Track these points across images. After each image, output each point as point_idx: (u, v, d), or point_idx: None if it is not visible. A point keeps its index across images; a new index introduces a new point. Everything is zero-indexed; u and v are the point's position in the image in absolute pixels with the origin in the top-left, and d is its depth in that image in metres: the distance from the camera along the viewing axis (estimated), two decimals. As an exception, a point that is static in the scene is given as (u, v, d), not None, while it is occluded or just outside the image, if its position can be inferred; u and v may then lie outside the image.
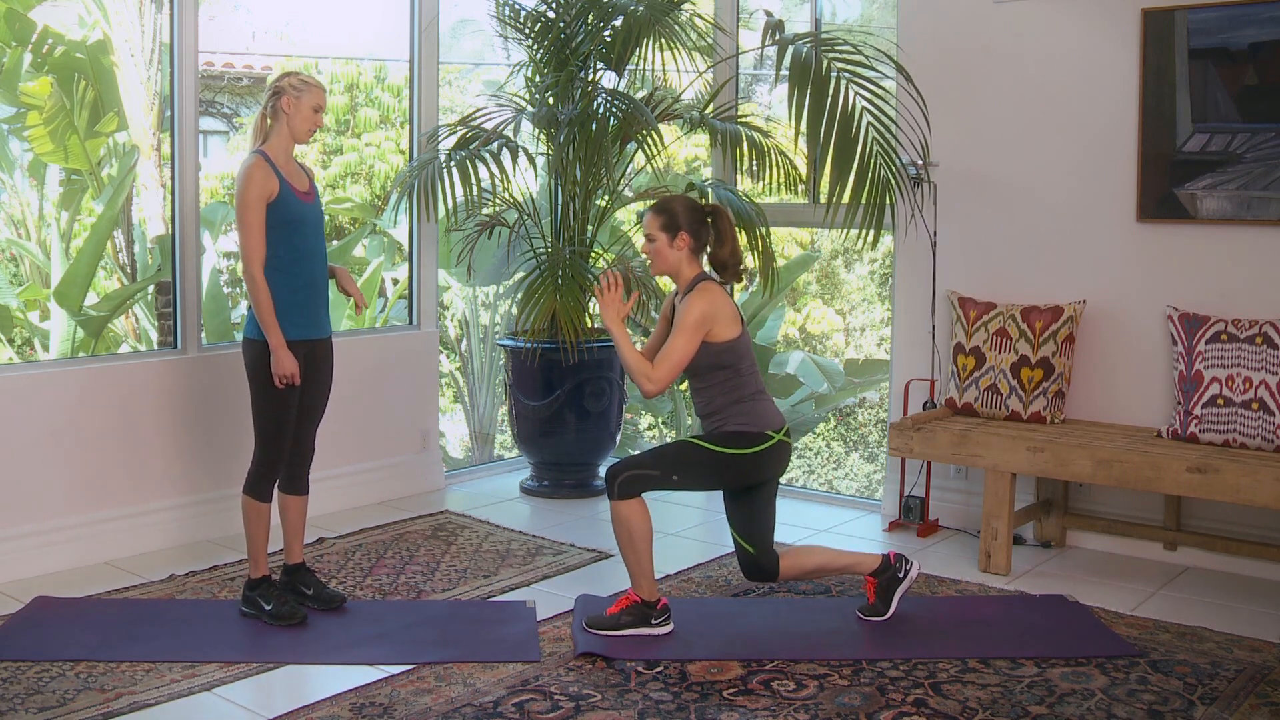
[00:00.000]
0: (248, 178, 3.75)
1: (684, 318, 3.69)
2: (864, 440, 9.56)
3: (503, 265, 7.05)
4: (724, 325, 3.73)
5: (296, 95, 3.82)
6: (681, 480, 3.76)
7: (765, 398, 3.83)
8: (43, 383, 4.45)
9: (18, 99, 6.71)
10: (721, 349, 3.74)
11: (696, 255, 3.83)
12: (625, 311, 3.79)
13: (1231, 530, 4.54)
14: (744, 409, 3.77)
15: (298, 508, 4.02)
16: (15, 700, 3.24)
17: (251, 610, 3.91)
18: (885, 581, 3.94)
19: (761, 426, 3.76)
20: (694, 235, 3.79)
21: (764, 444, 3.75)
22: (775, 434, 3.77)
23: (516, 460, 6.33)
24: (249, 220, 3.75)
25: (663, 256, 3.80)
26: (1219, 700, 3.34)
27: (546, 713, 3.24)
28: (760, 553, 3.86)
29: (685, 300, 3.75)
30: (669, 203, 3.82)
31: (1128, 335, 4.75)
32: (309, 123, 3.85)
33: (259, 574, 3.93)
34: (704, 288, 3.76)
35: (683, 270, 3.81)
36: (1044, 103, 4.87)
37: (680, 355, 3.68)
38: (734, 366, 3.76)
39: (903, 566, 3.95)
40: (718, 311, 3.72)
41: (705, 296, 3.73)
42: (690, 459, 3.76)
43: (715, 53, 5.64)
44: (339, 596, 4.04)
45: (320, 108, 3.87)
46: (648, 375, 3.67)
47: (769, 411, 3.80)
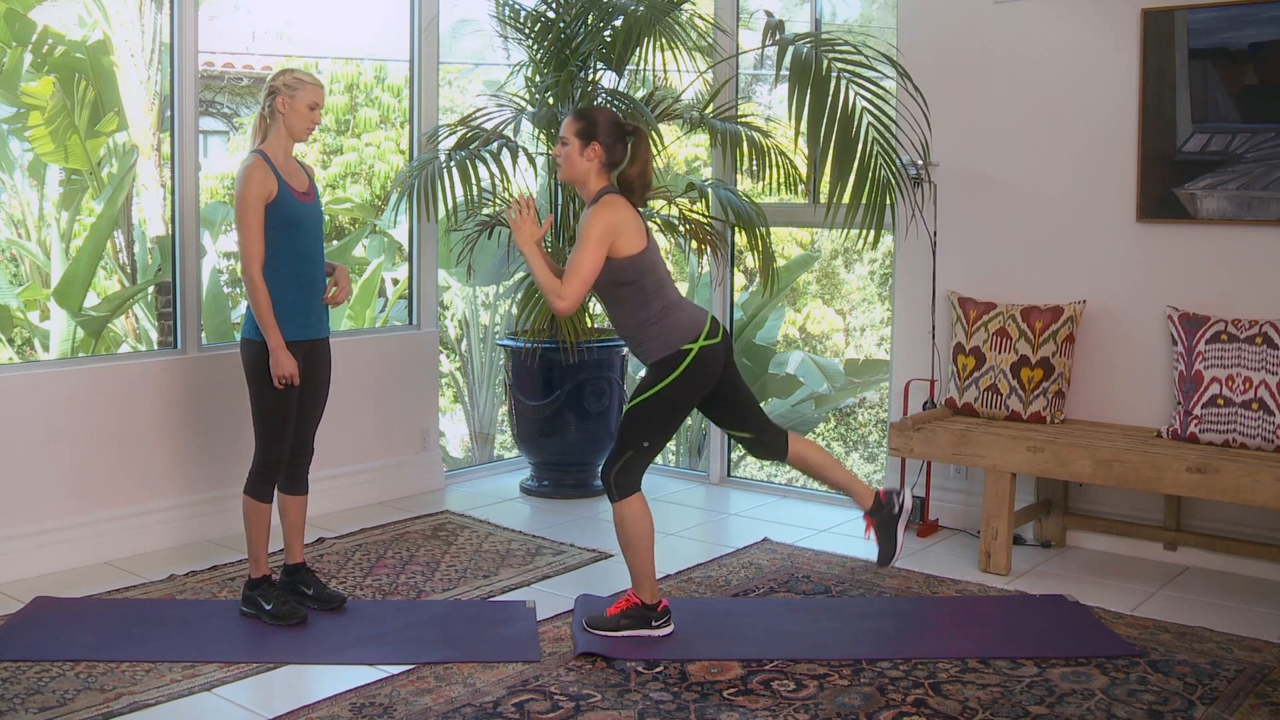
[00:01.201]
0: (246, 178, 3.74)
1: (586, 230, 3.62)
2: (864, 440, 9.56)
3: (503, 265, 7.04)
4: (627, 239, 3.64)
5: (291, 94, 3.80)
6: (653, 441, 3.72)
7: (677, 310, 3.73)
8: (43, 383, 4.45)
9: (18, 99, 6.71)
10: (623, 264, 3.65)
11: (606, 170, 3.75)
12: (539, 235, 3.74)
13: (1231, 530, 4.54)
14: (654, 333, 3.70)
15: (298, 508, 4.02)
16: (15, 700, 3.24)
17: (251, 610, 3.91)
18: (883, 519, 3.97)
19: (676, 345, 3.68)
20: (607, 149, 3.72)
21: (685, 361, 3.68)
22: (693, 345, 3.69)
23: (516, 460, 6.33)
24: (248, 220, 3.74)
25: (572, 163, 3.73)
26: (1219, 700, 3.34)
27: (546, 713, 3.24)
28: (759, 431, 3.87)
29: (588, 213, 3.67)
30: (590, 112, 3.77)
31: (1128, 335, 4.75)
32: (306, 121, 3.83)
33: (259, 574, 3.93)
34: (607, 200, 3.68)
35: (589, 181, 3.75)
36: (1044, 103, 4.87)
37: (587, 269, 3.60)
38: (638, 283, 3.67)
39: (895, 501, 3.98)
40: (622, 224, 3.64)
41: (608, 209, 3.65)
42: (642, 419, 3.72)
43: (715, 53, 5.64)
44: (339, 597, 4.04)
45: (317, 105, 3.84)
46: (558, 293, 3.61)
47: (680, 323, 3.70)
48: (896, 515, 3.96)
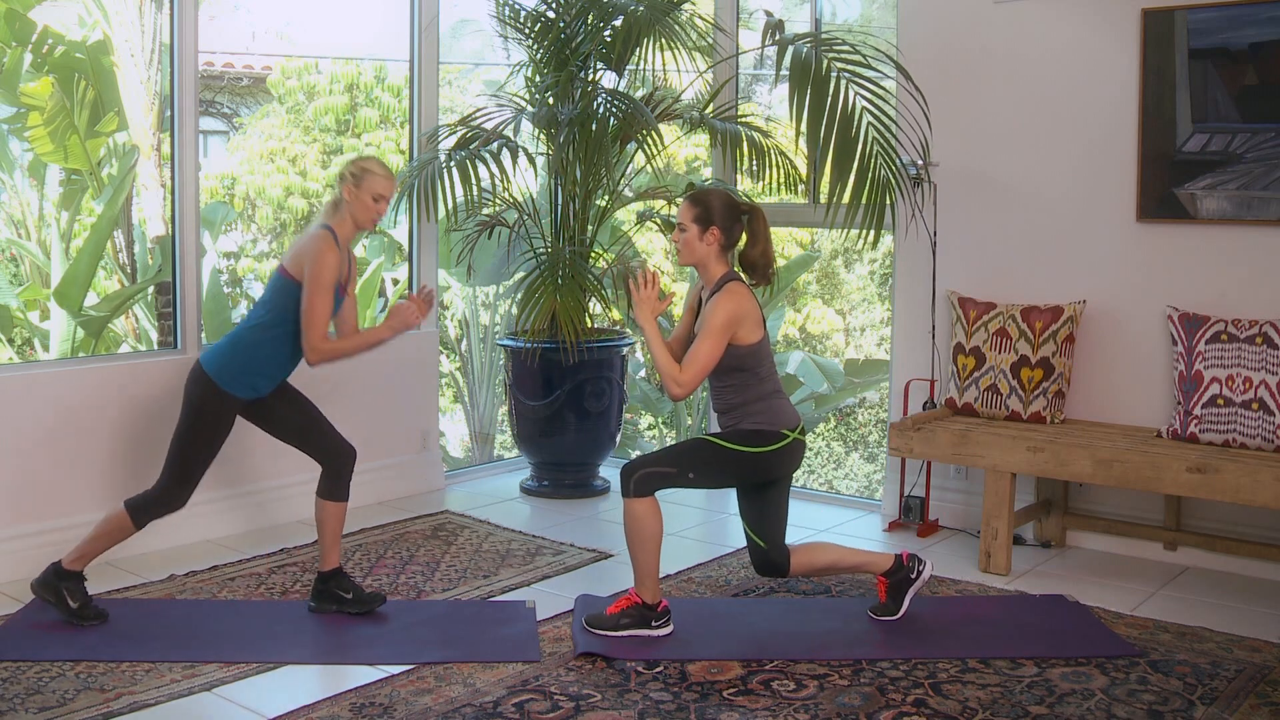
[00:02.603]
0: (322, 259, 3.74)
1: (710, 320, 3.69)
2: (864, 440, 9.57)
3: (503, 265, 7.05)
4: (749, 329, 3.73)
5: (356, 183, 3.83)
6: (697, 478, 3.75)
7: (782, 397, 3.83)
8: (43, 383, 4.45)
9: (18, 99, 6.71)
10: (744, 352, 3.73)
11: (725, 252, 3.81)
12: (660, 310, 3.78)
13: (1231, 530, 4.54)
14: (761, 408, 3.76)
15: (338, 515, 3.97)
16: (15, 700, 3.24)
17: (52, 599, 3.80)
18: (897, 581, 3.93)
19: (778, 425, 3.75)
20: (725, 232, 3.77)
21: (780, 443, 3.75)
22: (791, 433, 3.77)
23: (516, 460, 6.33)
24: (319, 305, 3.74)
25: (691, 248, 3.78)
26: (1219, 700, 3.34)
27: (546, 713, 3.24)
28: (772, 548, 3.86)
29: (712, 301, 3.73)
30: (706, 195, 3.81)
31: (1128, 335, 4.75)
32: (369, 212, 3.85)
33: (77, 568, 3.83)
34: (731, 289, 3.74)
35: (710, 265, 3.80)
36: (1044, 103, 4.87)
37: (707, 359, 3.67)
38: (753, 370, 3.76)
39: (915, 566, 3.95)
40: (745, 315, 3.72)
41: (733, 299, 3.71)
42: (706, 457, 3.75)
43: (715, 53, 5.64)
44: (379, 596, 4.01)
45: (381, 196, 3.84)
46: (676, 379, 3.67)
47: (785, 410, 3.81)
48: (912, 580, 3.94)
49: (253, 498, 5.00)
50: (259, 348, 3.84)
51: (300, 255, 3.79)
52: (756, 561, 3.90)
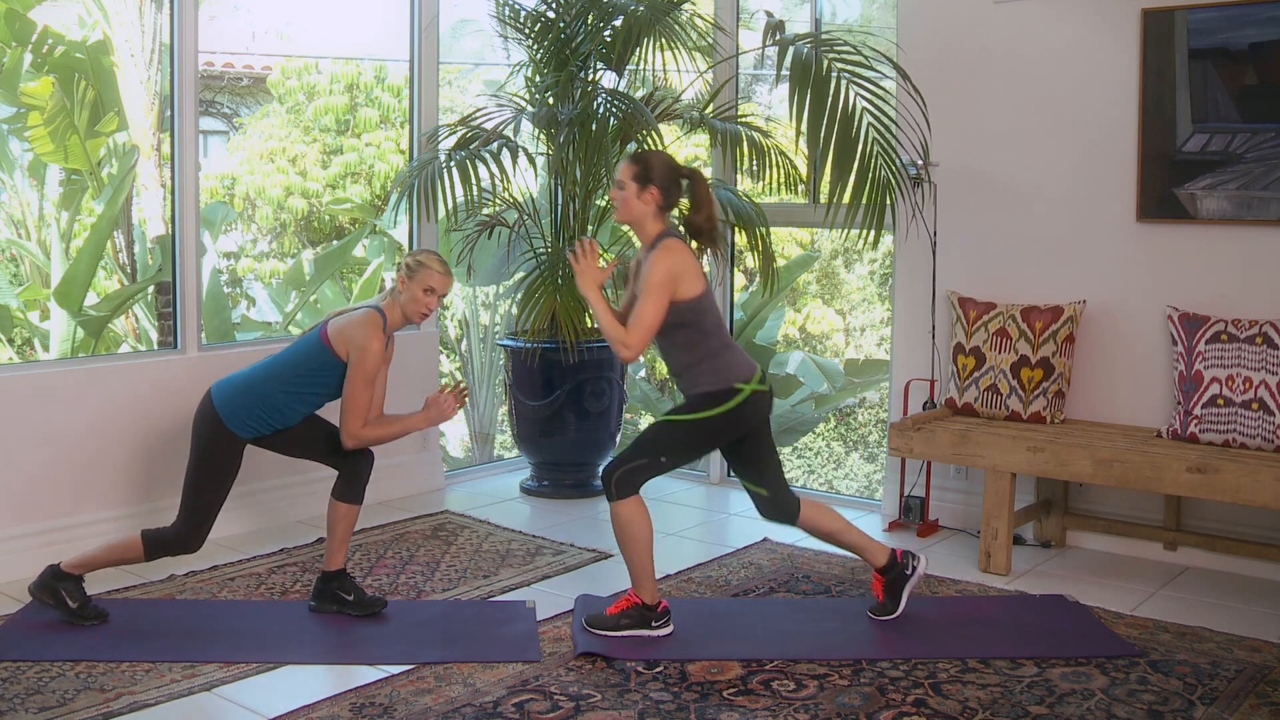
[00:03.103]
0: (368, 350, 3.76)
1: (650, 278, 3.65)
2: (864, 440, 9.56)
3: (503, 265, 7.05)
4: (688, 283, 3.68)
5: (410, 275, 3.84)
6: (670, 459, 3.74)
7: (732, 351, 3.78)
8: (43, 383, 4.45)
9: (18, 99, 6.71)
10: (684, 307, 3.69)
11: (663, 213, 3.78)
12: (602, 278, 3.77)
13: (1231, 530, 4.54)
14: (709, 367, 3.73)
15: (351, 516, 3.96)
16: (15, 700, 3.24)
17: (50, 601, 3.80)
18: (892, 579, 3.94)
19: (729, 382, 3.71)
20: (664, 192, 3.75)
21: (735, 399, 3.71)
22: (745, 385, 3.73)
23: (516, 460, 6.33)
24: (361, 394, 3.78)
25: (628, 205, 3.76)
26: (1219, 700, 3.34)
27: (546, 713, 3.24)
28: (774, 492, 3.86)
29: (649, 259, 3.70)
30: (646, 156, 3.81)
31: (1128, 335, 4.75)
32: (419, 305, 3.86)
33: (78, 572, 3.82)
34: (667, 245, 3.71)
35: (646, 224, 3.77)
36: (1044, 103, 4.87)
37: (651, 317, 3.64)
38: (696, 324, 3.71)
39: (910, 563, 3.95)
40: (683, 269, 3.68)
41: (670, 254, 3.68)
42: (671, 437, 3.74)
43: (715, 53, 5.64)
44: (380, 601, 4.00)
45: (432, 289, 3.85)
46: (624, 342, 3.65)
47: (735, 364, 3.75)
48: (908, 576, 3.94)
49: (253, 498, 5.00)
50: (280, 402, 3.85)
51: (348, 337, 3.79)
52: (763, 509, 3.90)
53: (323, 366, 3.83)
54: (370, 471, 3.99)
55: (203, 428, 3.84)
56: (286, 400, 3.85)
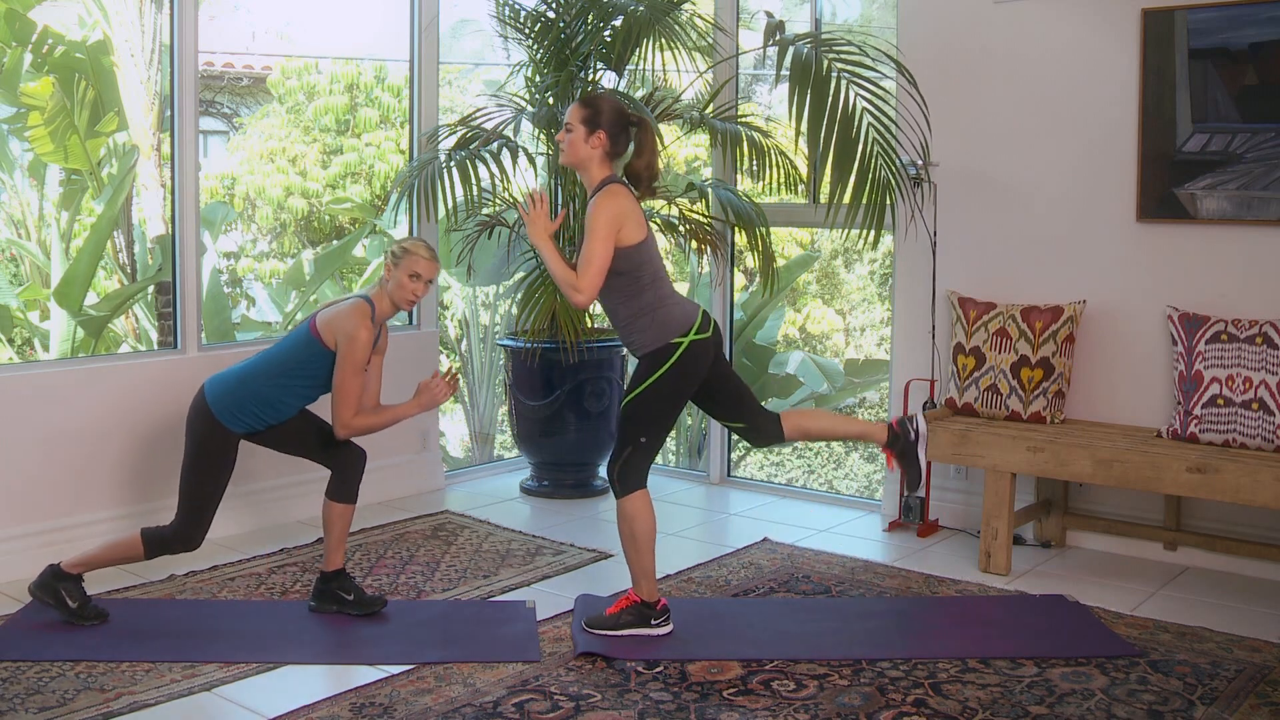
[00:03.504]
0: (356, 339, 3.76)
1: (594, 221, 3.63)
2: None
3: (503, 265, 7.04)
4: (630, 229, 3.66)
5: (395, 261, 3.86)
6: (650, 436, 3.73)
7: (668, 303, 3.75)
8: (43, 383, 4.45)
9: (18, 99, 6.71)
10: (622, 254, 3.66)
11: (609, 159, 3.76)
12: (552, 228, 3.75)
13: (1231, 530, 4.54)
14: (645, 324, 3.71)
15: (346, 516, 3.96)
16: (15, 700, 3.25)
17: (51, 601, 3.80)
18: (901, 448, 3.96)
19: (667, 338, 3.70)
20: (612, 138, 3.73)
21: (675, 354, 3.70)
22: (683, 338, 3.71)
23: (516, 460, 6.33)
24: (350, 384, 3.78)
25: (575, 148, 3.74)
26: (1219, 700, 3.34)
27: (546, 713, 3.24)
28: (751, 420, 3.89)
29: (593, 203, 3.68)
30: (596, 100, 3.79)
31: (1128, 335, 4.75)
32: (406, 291, 3.86)
33: (78, 571, 3.83)
34: (610, 190, 3.70)
35: (591, 169, 3.76)
36: (1044, 103, 4.87)
37: (600, 258, 3.61)
38: (632, 273, 3.69)
39: (910, 428, 3.97)
40: (626, 213, 3.66)
41: (612, 198, 3.67)
42: (640, 413, 3.73)
43: (715, 53, 5.64)
44: (380, 600, 4.00)
45: (418, 275, 3.85)
46: (574, 285, 3.62)
47: (672, 318, 3.72)
48: (914, 441, 3.96)
49: (253, 498, 5.00)
50: (271, 396, 3.85)
51: (335, 327, 3.80)
52: (748, 439, 3.95)
53: (313, 358, 3.83)
54: (363, 470, 3.98)
55: (197, 423, 3.85)
56: (279, 394, 3.85)
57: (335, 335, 3.80)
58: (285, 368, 3.85)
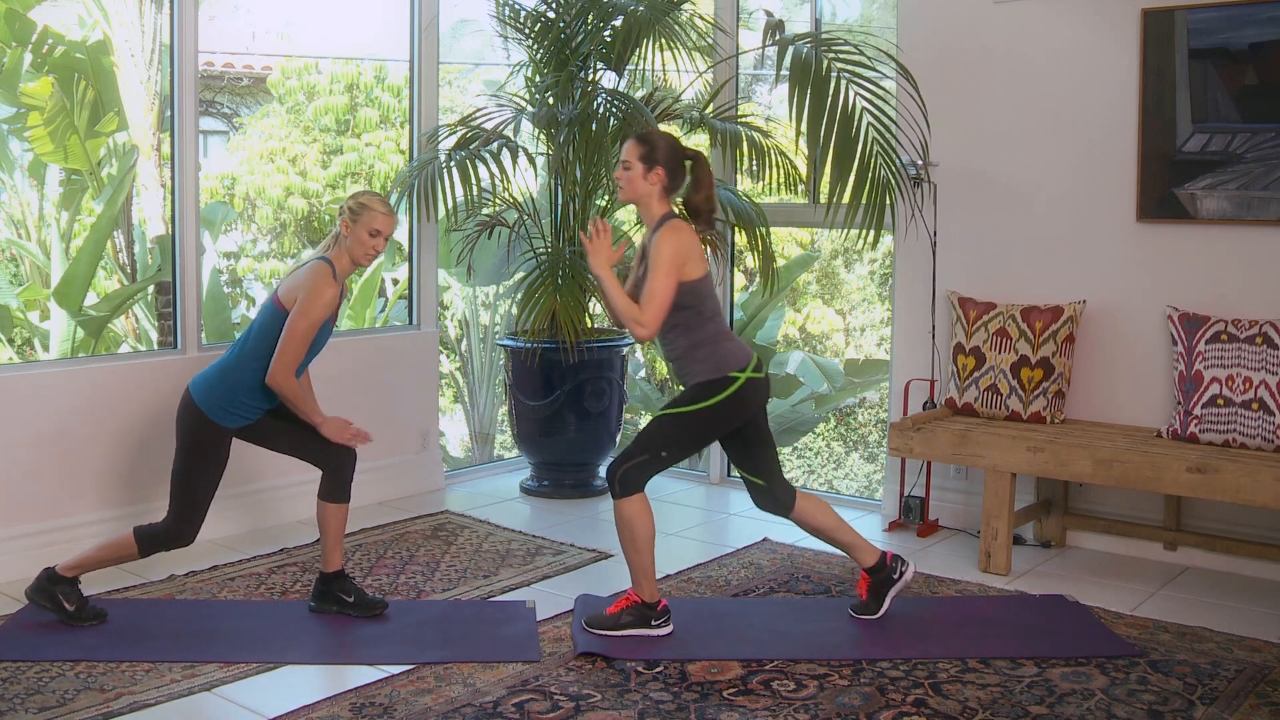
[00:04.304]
0: (318, 292, 3.74)
1: (658, 256, 3.67)
2: (864, 440, 9.57)
3: (503, 265, 7.05)
4: (693, 264, 3.71)
5: (353, 218, 3.82)
6: (672, 454, 3.75)
7: (728, 340, 3.80)
8: (43, 383, 4.45)
9: (18, 99, 6.71)
10: (687, 289, 3.70)
11: (667, 194, 3.80)
12: (615, 258, 3.77)
13: (1231, 530, 4.54)
14: (704, 355, 3.74)
15: (340, 516, 3.96)
16: (15, 700, 3.25)
17: (48, 604, 3.79)
18: (879, 581, 3.94)
19: (724, 371, 3.73)
20: (669, 174, 3.77)
21: (731, 387, 3.72)
22: (740, 374, 3.74)
23: (516, 460, 6.33)
24: (302, 333, 3.74)
25: (634, 185, 3.77)
26: (1219, 700, 3.34)
27: (546, 713, 3.24)
28: (771, 482, 3.87)
29: (656, 238, 3.71)
30: (652, 136, 3.82)
31: (1128, 335, 4.75)
32: (365, 248, 3.83)
33: (73, 574, 3.82)
34: (673, 225, 3.73)
35: (651, 204, 3.79)
36: (1044, 102, 4.87)
37: (663, 293, 3.65)
38: (695, 308, 3.73)
39: (898, 568, 3.95)
40: (689, 249, 3.70)
41: (675, 234, 3.70)
42: (670, 430, 3.75)
43: (715, 53, 5.64)
44: (380, 602, 3.99)
45: (378, 231, 3.82)
46: (638, 320, 3.65)
47: (731, 352, 3.77)
48: (894, 580, 3.95)
49: (253, 498, 5.00)
50: (248, 379, 3.82)
51: (296, 287, 3.78)
52: (759, 500, 3.92)
53: (280, 327, 3.79)
54: (353, 469, 3.97)
55: (187, 421, 3.83)
56: (256, 373, 3.81)
57: (293, 297, 3.77)
58: (263, 349, 3.82)
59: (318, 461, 3.96)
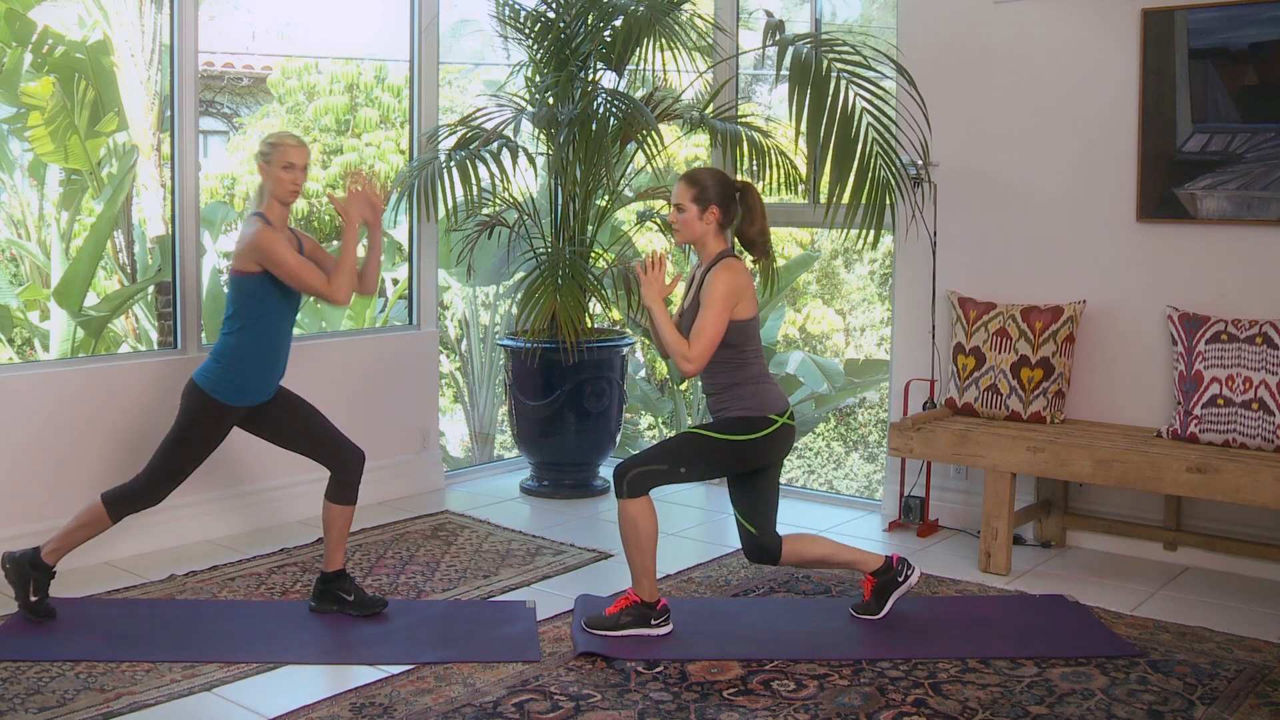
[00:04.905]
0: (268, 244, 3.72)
1: (711, 293, 3.71)
2: (864, 440, 9.57)
3: (503, 265, 7.05)
4: (745, 304, 3.76)
5: (265, 159, 3.81)
6: (689, 472, 3.78)
7: (769, 381, 3.84)
8: (43, 383, 4.45)
9: (18, 99, 6.71)
10: (737, 327, 3.75)
11: (723, 230, 3.85)
12: (667, 292, 3.82)
13: (1231, 530, 4.54)
14: (747, 392, 3.77)
15: (346, 517, 3.96)
16: (15, 700, 3.25)
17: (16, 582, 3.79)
18: (884, 583, 3.94)
19: (765, 410, 3.76)
20: (724, 209, 3.81)
21: (767, 429, 3.76)
22: (779, 418, 3.78)
23: (516, 460, 6.33)
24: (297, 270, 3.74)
25: (691, 227, 3.81)
26: (1219, 700, 3.34)
27: (546, 713, 3.24)
28: (763, 534, 3.87)
29: (711, 275, 3.75)
30: (701, 175, 3.85)
31: (1128, 335, 4.75)
32: (283, 184, 3.81)
33: (52, 561, 3.83)
34: (729, 264, 3.77)
35: (708, 243, 3.83)
36: (1044, 103, 4.87)
37: (713, 330, 3.69)
38: (740, 346, 3.77)
39: (904, 571, 3.95)
40: (743, 288, 3.75)
41: (732, 272, 3.74)
42: (695, 450, 3.77)
43: (715, 53, 5.64)
44: (380, 601, 3.99)
45: (291, 164, 3.80)
46: (685, 355, 3.69)
47: (772, 395, 3.81)
48: (899, 583, 3.95)
49: (253, 498, 5.00)
50: (244, 351, 3.83)
51: (244, 250, 3.77)
52: (747, 548, 3.91)
53: (249, 293, 3.80)
54: (361, 471, 3.98)
55: (192, 402, 3.84)
56: (247, 344, 3.82)
57: (249, 259, 3.76)
58: (244, 319, 3.82)
59: (326, 462, 3.96)
